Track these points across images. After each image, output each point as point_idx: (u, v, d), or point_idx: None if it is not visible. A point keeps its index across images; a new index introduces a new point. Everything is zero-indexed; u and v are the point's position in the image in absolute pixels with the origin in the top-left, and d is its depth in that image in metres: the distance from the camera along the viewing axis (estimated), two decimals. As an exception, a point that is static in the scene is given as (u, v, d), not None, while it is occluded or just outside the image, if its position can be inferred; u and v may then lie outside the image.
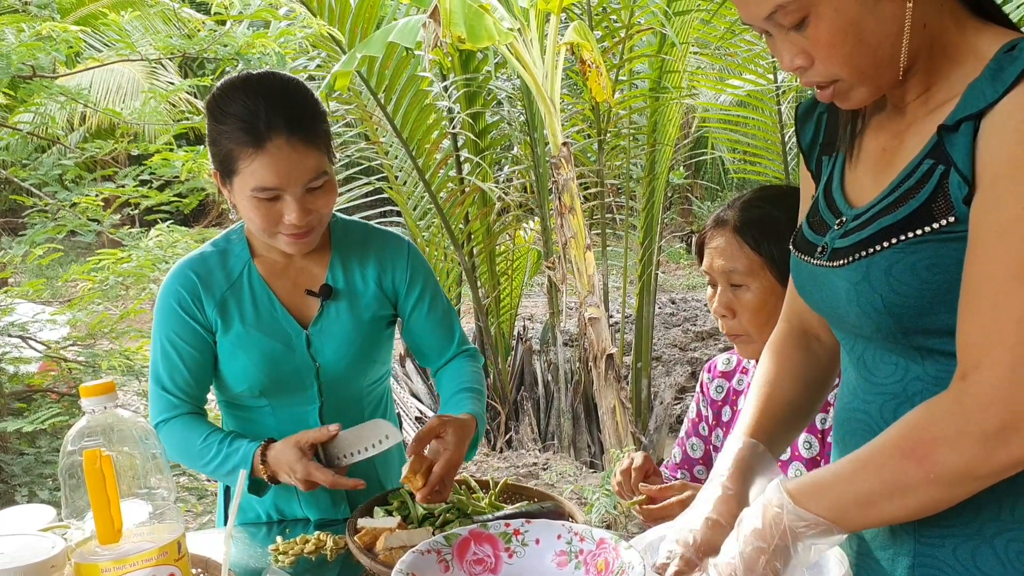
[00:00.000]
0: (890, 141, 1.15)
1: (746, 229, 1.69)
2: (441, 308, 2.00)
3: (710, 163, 12.62)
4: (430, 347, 2.02)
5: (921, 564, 1.11)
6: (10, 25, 3.53)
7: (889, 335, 1.11)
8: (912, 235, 1.06)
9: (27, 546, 1.23)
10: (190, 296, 1.84)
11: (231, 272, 1.87)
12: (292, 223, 1.72)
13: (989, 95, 1.00)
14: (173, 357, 1.86)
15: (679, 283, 11.88)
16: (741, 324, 1.71)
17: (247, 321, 1.86)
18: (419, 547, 1.21)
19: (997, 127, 0.99)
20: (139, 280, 3.99)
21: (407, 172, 5.93)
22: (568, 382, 5.98)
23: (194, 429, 1.85)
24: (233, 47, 3.72)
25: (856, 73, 1.08)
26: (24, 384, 4.11)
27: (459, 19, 4.13)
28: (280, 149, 1.67)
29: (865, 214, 1.13)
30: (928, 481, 1.00)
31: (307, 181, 1.71)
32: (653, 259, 6.15)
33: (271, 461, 1.77)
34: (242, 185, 1.71)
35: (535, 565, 1.23)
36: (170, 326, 1.86)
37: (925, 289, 1.05)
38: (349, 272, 1.91)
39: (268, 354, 1.85)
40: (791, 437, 1.37)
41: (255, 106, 1.68)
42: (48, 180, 3.92)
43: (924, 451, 0.99)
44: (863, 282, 1.10)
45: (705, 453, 1.95)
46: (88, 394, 1.24)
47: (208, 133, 1.76)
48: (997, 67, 1.02)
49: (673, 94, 5.82)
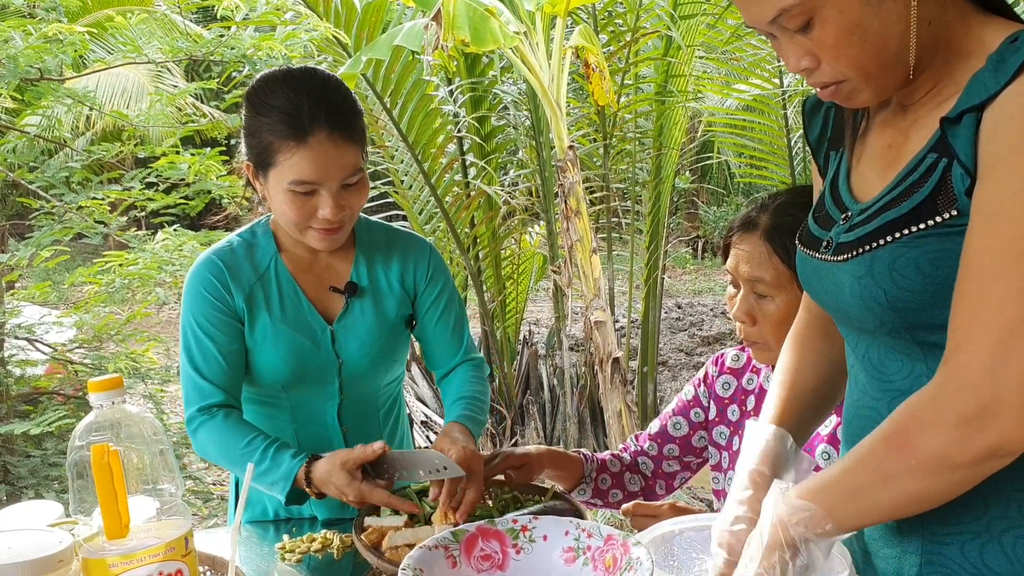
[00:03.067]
0: (895, 137, 1.15)
1: (776, 237, 1.61)
2: (455, 314, 2.01)
3: (716, 168, 12.61)
4: (438, 350, 2.02)
5: (929, 562, 1.11)
6: (17, 28, 3.55)
7: (892, 330, 1.11)
8: (915, 229, 1.05)
9: (35, 541, 1.23)
10: (220, 284, 1.83)
11: (259, 264, 1.87)
12: (326, 218, 1.73)
13: (991, 86, 1.00)
14: (206, 343, 1.82)
15: (685, 288, 11.87)
16: (761, 333, 1.65)
17: (274, 314, 1.85)
18: (427, 543, 1.21)
19: (998, 117, 0.99)
20: (145, 283, 3.99)
21: (413, 176, 5.94)
22: (574, 386, 5.98)
23: (236, 431, 1.80)
24: (239, 50, 3.74)
25: (863, 74, 1.07)
26: (30, 386, 4.12)
27: (463, 22, 4.13)
28: (321, 144, 1.68)
29: (870, 209, 1.13)
30: (910, 469, 0.99)
31: (344, 177, 1.72)
32: (659, 263, 6.15)
33: (317, 482, 1.72)
34: (279, 178, 1.72)
35: (543, 561, 1.23)
36: (201, 312, 1.83)
37: (928, 283, 1.05)
38: (373, 271, 1.92)
39: (295, 348, 1.85)
40: (817, 424, 1.36)
41: (298, 100, 1.69)
42: (55, 183, 3.94)
43: (904, 438, 0.99)
44: (866, 276, 1.10)
45: (685, 437, 1.92)
46: (96, 389, 1.23)
47: (246, 124, 1.77)
48: (999, 58, 1.01)
49: (679, 98, 5.82)
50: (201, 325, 1.83)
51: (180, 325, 1.87)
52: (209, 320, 1.83)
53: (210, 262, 1.85)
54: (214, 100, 10.12)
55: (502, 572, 1.23)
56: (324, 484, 1.72)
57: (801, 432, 1.29)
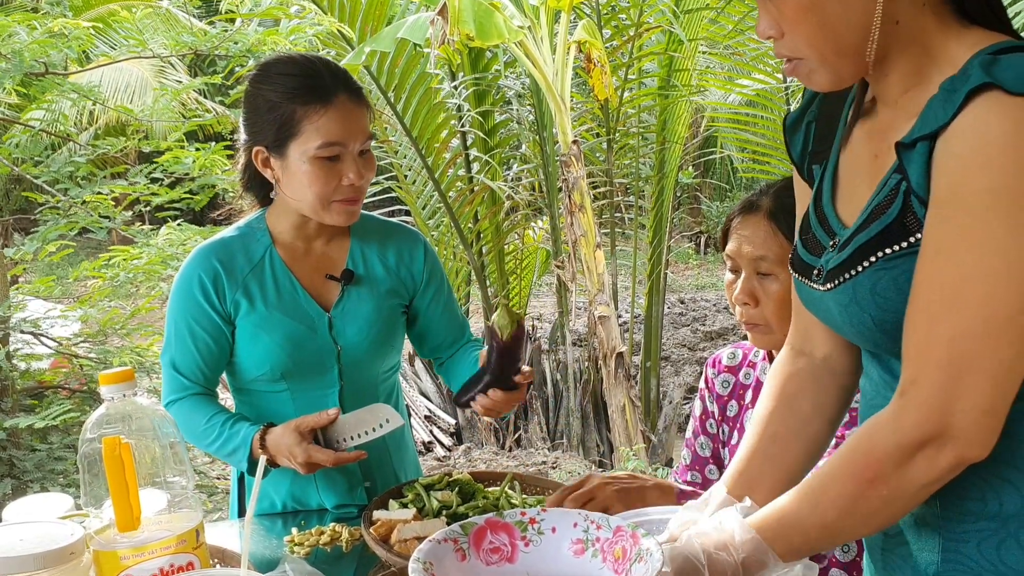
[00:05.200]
0: (879, 146, 1.14)
1: (781, 216, 1.60)
2: (453, 302, 2.08)
3: (719, 163, 12.59)
4: (443, 340, 2.06)
5: (947, 560, 1.11)
6: (22, 23, 3.55)
7: (888, 349, 1.11)
8: (890, 251, 1.06)
9: (46, 533, 1.24)
10: (211, 283, 1.85)
11: (252, 256, 1.89)
12: (351, 183, 1.78)
13: (940, 117, 1.00)
14: (188, 341, 1.87)
15: (688, 283, 11.86)
16: (763, 314, 1.65)
17: (270, 303, 1.87)
18: (436, 536, 1.21)
19: (945, 150, 0.99)
20: (149, 277, 4.00)
21: (416, 171, 5.94)
22: (577, 381, 5.98)
23: (200, 409, 1.87)
24: (244, 44, 3.74)
25: (817, 55, 1.07)
26: (35, 380, 4.13)
27: (468, 17, 4.14)
28: (344, 105, 1.77)
29: (852, 232, 1.12)
30: (883, 500, 1.03)
31: (363, 140, 1.80)
32: (662, 258, 6.15)
33: (270, 445, 1.79)
34: (303, 147, 1.76)
35: (552, 554, 1.22)
36: (188, 310, 1.87)
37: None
38: (368, 259, 1.95)
39: (291, 336, 1.87)
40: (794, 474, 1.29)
41: (316, 68, 1.80)
42: (60, 177, 3.94)
43: (872, 472, 1.02)
44: (852, 304, 1.10)
45: (714, 451, 1.91)
46: (107, 382, 1.24)
47: (256, 106, 1.81)
48: (951, 87, 1.00)
49: (682, 93, 5.81)
50: (186, 322, 1.87)
51: (166, 316, 1.92)
52: (194, 318, 1.87)
53: (204, 260, 1.88)
54: (218, 95, 10.12)
55: (511, 564, 1.23)
56: (276, 446, 1.78)
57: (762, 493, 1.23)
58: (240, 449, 1.81)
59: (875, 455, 1.02)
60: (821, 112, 1.26)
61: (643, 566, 1.10)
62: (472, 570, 1.20)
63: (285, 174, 1.81)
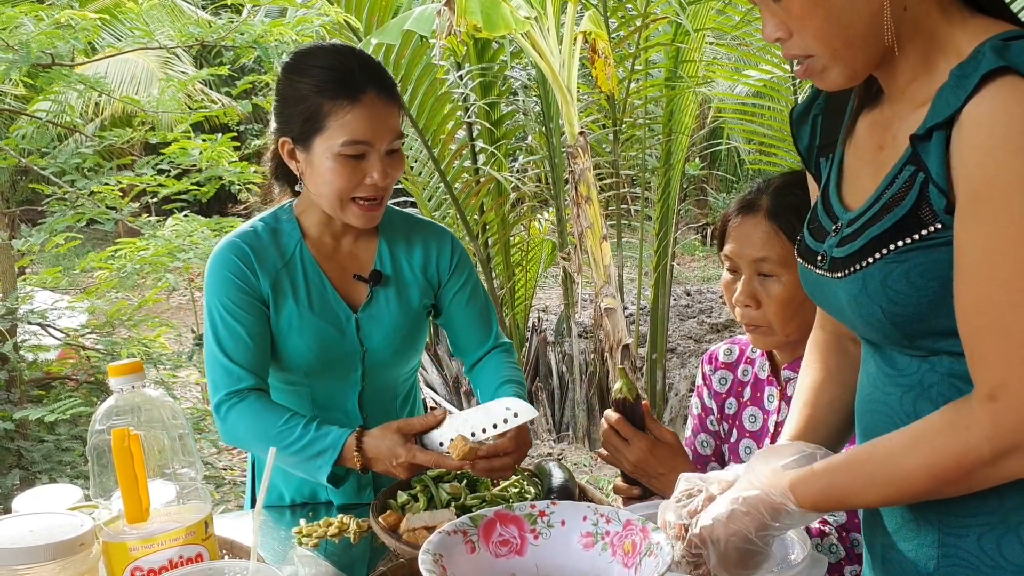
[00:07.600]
0: (884, 136, 1.14)
1: (780, 215, 1.59)
2: (481, 300, 2.02)
3: (725, 154, 12.55)
4: (468, 338, 2.02)
5: (946, 555, 1.11)
6: (29, 14, 3.54)
7: (896, 341, 1.11)
8: (902, 244, 1.06)
9: (56, 524, 1.23)
10: (245, 266, 1.82)
11: (284, 250, 1.86)
12: (374, 183, 1.74)
13: (953, 103, 0.99)
14: (234, 326, 1.80)
15: (694, 275, 11.85)
16: (765, 316, 1.63)
17: (300, 301, 1.84)
18: (445, 527, 1.21)
19: (965, 140, 0.98)
20: (156, 269, 4.00)
21: (422, 163, 5.93)
22: (583, 373, 5.98)
23: (272, 410, 1.78)
24: (251, 35, 3.73)
25: (828, 49, 1.07)
26: (43, 371, 4.14)
27: (475, 7, 4.12)
28: (373, 103, 1.73)
29: (858, 220, 1.12)
30: (957, 490, 1.05)
31: (391, 139, 1.76)
32: (668, 250, 6.14)
33: (368, 447, 1.71)
34: (328, 143, 1.72)
35: (561, 546, 1.23)
36: (227, 295, 1.81)
37: (922, 296, 1.05)
38: (396, 258, 1.92)
39: (320, 336, 1.84)
40: (843, 440, 1.36)
41: (347, 61, 1.75)
42: (67, 168, 3.94)
43: (958, 474, 1.03)
44: (862, 294, 1.10)
45: (716, 449, 1.88)
46: (116, 373, 1.24)
47: (285, 96, 1.78)
48: (961, 73, 1.00)
49: (689, 84, 5.79)
50: (228, 308, 1.80)
51: (205, 310, 1.84)
52: (236, 303, 1.81)
53: (235, 245, 1.84)
54: (224, 87, 10.12)
55: (520, 557, 1.23)
56: (376, 448, 1.71)
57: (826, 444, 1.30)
58: (328, 452, 1.72)
59: (968, 459, 1.01)
60: (828, 105, 1.26)
61: (653, 560, 1.10)
62: (481, 562, 1.20)
63: (309, 168, 1.77)
